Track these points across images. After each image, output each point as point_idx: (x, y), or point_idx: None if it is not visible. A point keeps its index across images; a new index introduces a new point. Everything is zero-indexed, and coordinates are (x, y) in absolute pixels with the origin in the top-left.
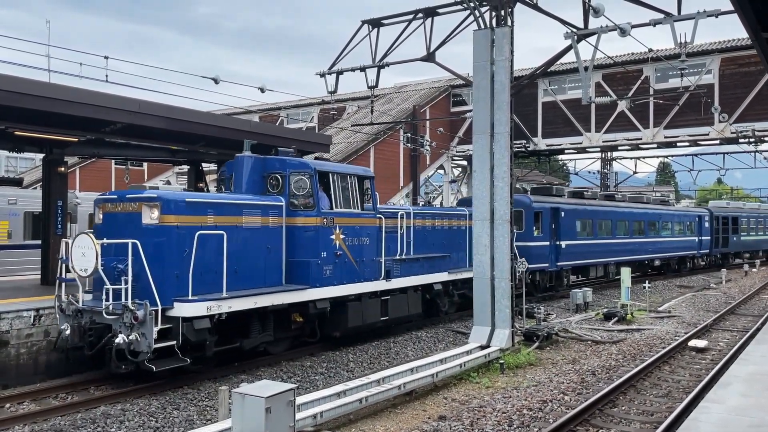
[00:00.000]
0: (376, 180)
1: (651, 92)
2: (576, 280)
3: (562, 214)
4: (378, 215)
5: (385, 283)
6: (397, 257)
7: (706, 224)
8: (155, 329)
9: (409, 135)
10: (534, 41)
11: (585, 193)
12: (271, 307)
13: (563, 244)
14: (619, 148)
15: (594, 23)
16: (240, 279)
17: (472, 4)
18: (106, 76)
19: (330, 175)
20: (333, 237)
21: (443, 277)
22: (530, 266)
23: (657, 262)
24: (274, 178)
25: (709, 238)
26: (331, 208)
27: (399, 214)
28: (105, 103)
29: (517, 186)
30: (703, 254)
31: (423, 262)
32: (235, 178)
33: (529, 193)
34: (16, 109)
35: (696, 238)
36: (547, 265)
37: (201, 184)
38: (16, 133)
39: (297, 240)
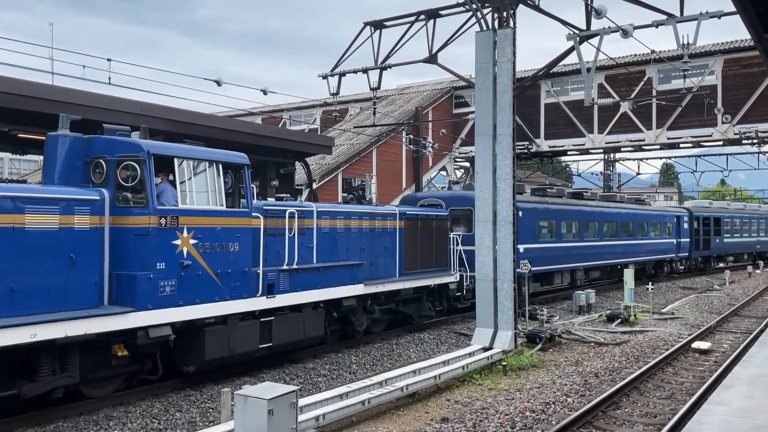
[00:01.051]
0: (377, 181)
1: (654, 93)
2: (539, 290)
3: (520, 213)
4: (255, 214)
5: (265, 300)
6: (285, 267)
7: (685, 225)
8: None
9: (411, 136)
10: (536, 43)
11: (548, 190)
12: (62, 340)
13: (521, 248)
14: (622, 149)
15: (596, 24)
16: (21, 300)
17: (474, 6)
18: (109, 78)
19: (176, 160)
20: (177, 243)
21: (356, 290)
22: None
23: (631, 267)
24: (98, 164)
25: (688, 240)
26: (178, 205)
27: (287, 212)
28: (108, 105)
29: (469, 182)
30: (681, 258)
31: (327, 272)
32: (46, 165)
33: None
34: (20, 111)
35: (674, 241)
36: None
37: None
38: (20, 135)
39: (124, 247)
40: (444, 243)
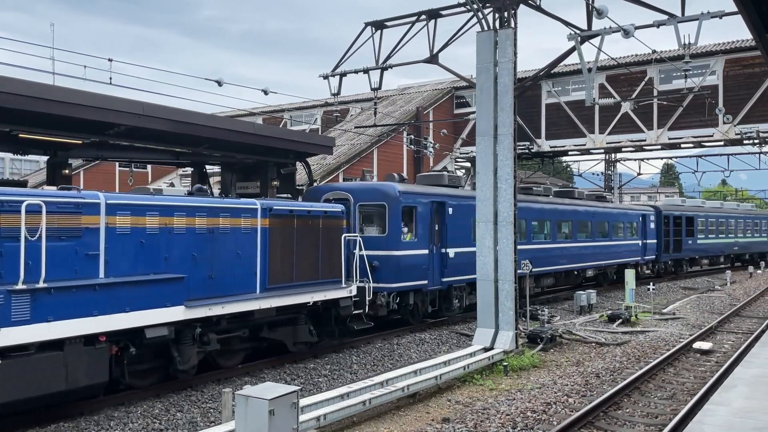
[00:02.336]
0: (379, 181)
1: (655, 94)
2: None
3: (450, 210)
4: None
5: None
6: (21, 286)
7: (652, 225)
8: None
9: (412, 137)
10: (537, 43)
11: None
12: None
13: (451, 252)
14: (623, 149)
15: (597, 24)
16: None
17: (475, 6)
18: (110, 78)
19: None
20: None
21: (169, 314)
22: (397, 285)
23: (590, 272)
24: None
25: (655, 241)
26: None
27: (24, 205)
28: (109, 105)
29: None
30: (648, 261)
31: (115, 290)
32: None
33: (396, 180)
34: (21, 111)
35: (639, 242)
36: (425, 282)
37: (204, 186)
38: (21, 135)
39: None
40: (337, 247)
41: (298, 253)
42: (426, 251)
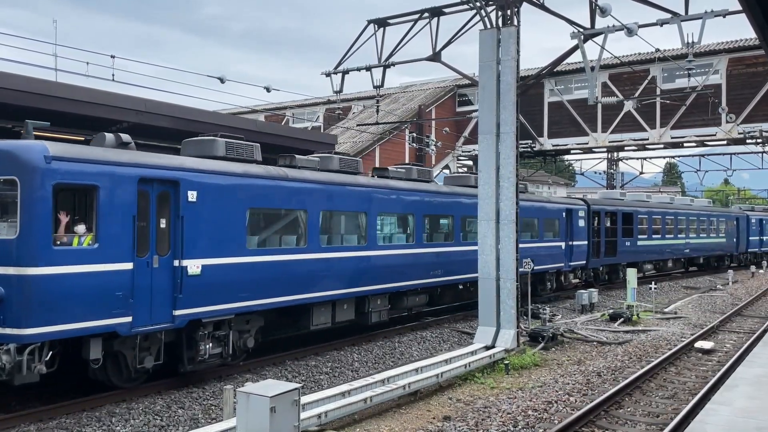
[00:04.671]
0: None
1: (658, 92)
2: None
3: (192, 195)
4: None
5: None
6: None
7: (581, 223)
8: None
9: (414, 135)
10: (540, 41)
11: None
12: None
13: (194, 265)
14: (626, 148)
15: (601, 23)
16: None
17: (478, 4)
18: (113, 75)
19: None
20: None
21: None
22: (42, 331)
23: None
24: None
25: (585, 242)
26: None
27: None
28: (112, 102)
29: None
30: (575, 268)
31: None
32: None
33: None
34: (23, 108)
35: (561, 244)
36: (126, 320)
37: None
38: (23, 132)
39: None
40: None
41: None
42: (128, 265)
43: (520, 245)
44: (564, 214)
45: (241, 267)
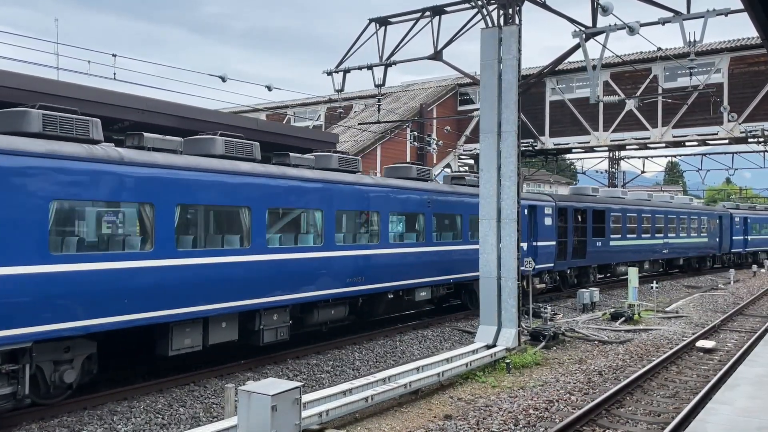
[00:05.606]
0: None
1: (659, 91)
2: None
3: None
4: None
5: None
6: None
7: (547, 221)
8: None
9: (416, 134)
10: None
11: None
12: None
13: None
14: (627, 147)
15: (602, 22)
16: None
17: (479, 3)
18: (114, 74)
19: None
20: None
21: None
22: None
23: (424, 293)
24: None
25: (552, 243)
26: None
27: None
28: (113, 101)
29: None
30: (541, 272)
31: None
32: None
33: None
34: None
35: (523, 245)
36: None
37: None
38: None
39: None
40: None
41: None
42: None
43: (463, 246)
44: (527, 210)
45: (38, 279)
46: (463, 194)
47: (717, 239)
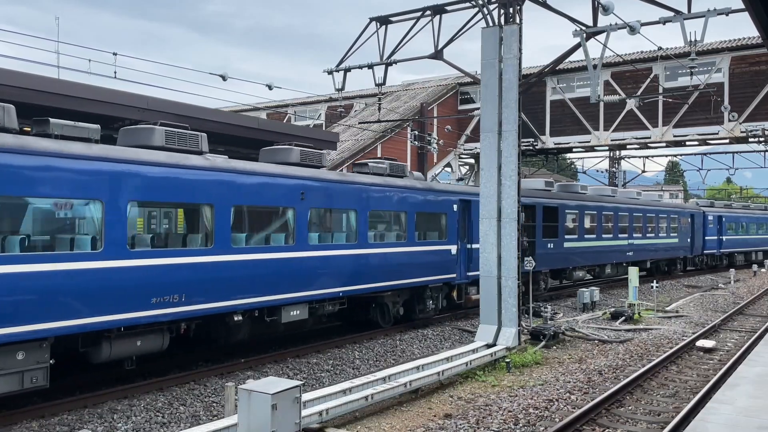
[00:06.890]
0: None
1: (660, 91)
2: None
3: None
4: None
5: None
6: None
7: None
8: None
9: (416, 133)
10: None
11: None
12: None
13: None
14: (628, 147)
15: (603, 21)
16: None
17: (480, 2)
18: (115, 72)
19: None
20: None
21: None
22: None
23: (295, 311)
24: None
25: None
26: None
27: None
28: (114, 99)
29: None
30: (475, 279)
31: None
32: None
33: None
34: (25, 105)
35: (452, 248)
36: None
37: None
38: (25, 129)
39: None
40: None
41: None
42: None
43: (358, 251)
44: (455, 206)
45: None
46: (361, 184)
47: (689, 240)
